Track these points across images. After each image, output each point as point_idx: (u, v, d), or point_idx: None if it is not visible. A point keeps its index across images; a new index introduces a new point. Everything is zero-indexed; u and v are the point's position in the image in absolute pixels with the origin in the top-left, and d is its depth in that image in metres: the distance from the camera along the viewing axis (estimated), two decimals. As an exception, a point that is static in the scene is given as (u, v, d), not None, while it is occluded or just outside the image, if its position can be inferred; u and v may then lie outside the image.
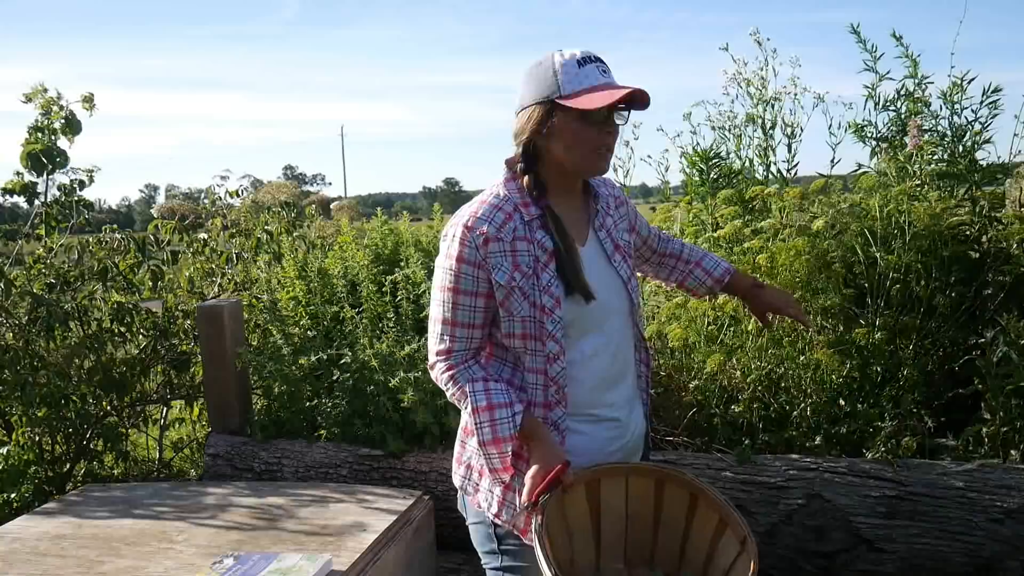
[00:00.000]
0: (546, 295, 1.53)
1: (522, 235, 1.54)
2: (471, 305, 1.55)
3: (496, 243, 1.52)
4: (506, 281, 1.52)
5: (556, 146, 1.53)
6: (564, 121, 1.51)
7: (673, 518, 1.56)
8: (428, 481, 2.68)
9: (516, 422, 1.51)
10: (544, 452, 1.50)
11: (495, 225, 1.52)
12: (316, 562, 1.91)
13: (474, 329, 1.57)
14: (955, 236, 2.69)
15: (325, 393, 2.93)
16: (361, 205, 5.90)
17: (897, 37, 2.99)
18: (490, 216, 1.53)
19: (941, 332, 2.65)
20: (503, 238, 1.52)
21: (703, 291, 1.95)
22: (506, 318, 1.55)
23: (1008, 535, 2.23)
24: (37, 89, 3.25)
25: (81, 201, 3.38)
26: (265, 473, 2.85)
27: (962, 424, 2.53)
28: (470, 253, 1.52)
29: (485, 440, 1.52)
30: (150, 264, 3.40)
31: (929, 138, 2.93)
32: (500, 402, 1.53)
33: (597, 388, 1.60)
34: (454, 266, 1.53)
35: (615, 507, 1.56)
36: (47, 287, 3.21)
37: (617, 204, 1.72)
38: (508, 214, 1.55)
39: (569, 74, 1.50)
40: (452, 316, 1.55)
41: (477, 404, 1.53)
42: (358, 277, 3.08)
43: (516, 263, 1.53)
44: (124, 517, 2.36)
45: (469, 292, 1.54)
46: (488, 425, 1.52)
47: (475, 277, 1.53)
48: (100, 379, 3.26)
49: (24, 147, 3.24)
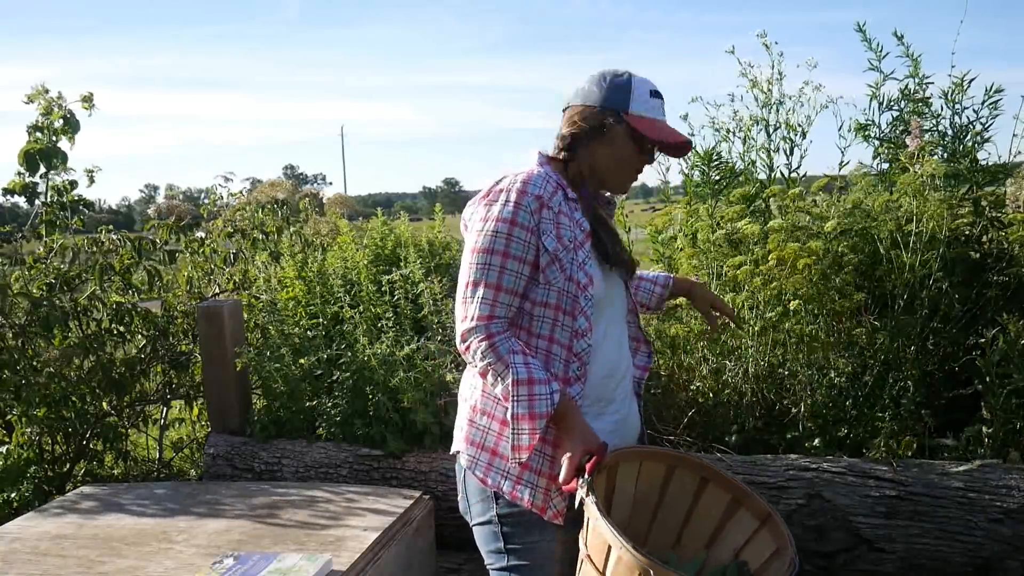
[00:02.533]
0: (582, 271, 1.57)
1: (565, 210, 1.59)
2: (518, 271, 1.55)
3: (547, 210, 1.56)
4: (553, 248, 1.55)
5: (603, 151, 1.63)
6: (621, 134, 1.61)
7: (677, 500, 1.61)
8: (428, 481, 2.68)
9: (554, 400, 1.51)
10: (583, 433, 1.51)
11: (548, 192, 1.57)
12: (316, 562, 1.91)
13: (516, 297, 1.57)
14: (956, 236, 2.69)
15: (325, 393, 2.93)
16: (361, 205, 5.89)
17: (899, 36, 2.98)
18: (543, 184, 1.57)
19: (942, 333, 2.65)
20: (552, 206, 1.57)
21: (655, 301, 2.00)
22: (543, 286, 1.57)
23: (1008, 535, 2.23)
24: (38, 90, 3.25)
25: (80, 201, 3.37)
26: (265, 473, 2.85)
27: (962, 424, 2.53)
28: (524, 217, 1.54)
29: (519, 414, 1.51)
30: (146, 265, 3.40)
31: (930, 138, 2.93)
32: (540, 378, 1.52)
33: (606, 378, 1.64)
34: (507, 229, 1.53)
35: (626, 490, 1.59)
36: (47, 287, 3.21)
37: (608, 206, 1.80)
38: (556, 187, 1.60)
39: (642, 97, 1.61)
40: (498, 280, 1.54)
41: (518, 376, 1.51)
42: (357, 277, 3.08)
43: (559, 234, 1.57)
44: (124, 517, 2.36)
45: (519, 257, 1.55)
46: (527, 399, 1.51)
47: (527, 242, 1.55)
48: (100, 379, 3.25)
49: (24, 147, 3.23)
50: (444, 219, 3.50)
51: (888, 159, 3.02)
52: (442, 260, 3.23)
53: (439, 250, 3.33)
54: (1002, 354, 2.42)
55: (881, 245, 2.64)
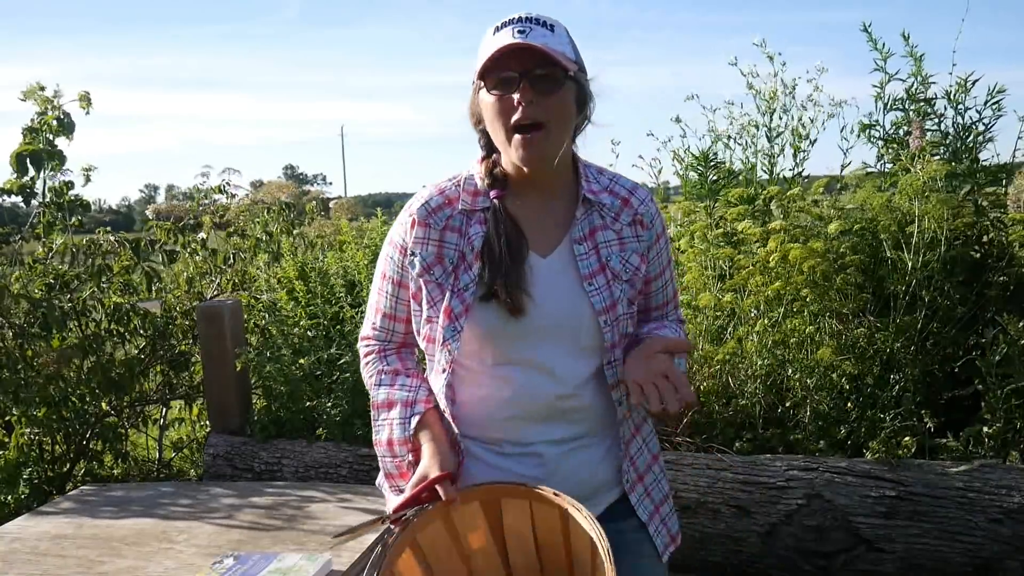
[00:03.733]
0: (457, 299, 1.33)
1: (456, 226, 1.36)
2: (391, 293, 1.43)
3: (422, 228, 1.36)
4: (418, 272, 1.36)
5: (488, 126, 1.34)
6: (482, 99, 1.33)
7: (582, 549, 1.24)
8: (428, 481, 2.67)
9: (411, 424, 1.35)
10: (427, 459, 1.31)
11: (428, 209, 1.37)
12: (316, 562, 1.91)
13: (396, 321, 1.44)
14: (957, 237, 2.69)
15: (325, 393, 2.93)
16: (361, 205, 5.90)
17: (905, 36, 2.98)
18: (430, 198, 1.38)
19: (942, 333, 2.65)
20: (431, 224, 1.36)
21: None
22: (416, 314, 1.41)
23: (1008, 535, 2.23)
24: (33, 88, 3.24)
25: (78, 201, 3.37)
26: (265, 473, 2.85)
27: (962, 424, 2.53)
28: (397, 234, 1.40)
29: (378, 439, 1.41)
30: (144, 266, 3.39)
31: (932, 138, 2.94)
32: (402, 399, 1.39)
33: (513, 420, 1.37)
34: (385, 248, 1.44)
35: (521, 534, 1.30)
36: (46, 287, 3.21)
37: (635, 221, 1.41)
38: (450, 199, 1.38)
39: (484, 42, 1.30)
40: (376, 301, 1.45)
41: (376, 398, 1.42)
42: (358, 277, 3.08)
43: (440, 255, 1.36)
44: (124, 517, 2.36)
45: (391, 279, 1.42)
46: (384, 423, 1.40)
47: (398, 263, 1.40)
48: (99, 379, 3.25)
49: (16, 148, 3.23)
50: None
51: (891, 159, 3.03)
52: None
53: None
54: (1002, 354, 2.42)
55: (883, 246, 2.64)
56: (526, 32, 1.26)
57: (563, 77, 1.28)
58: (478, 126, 1.39)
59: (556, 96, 1.28)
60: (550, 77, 1.27)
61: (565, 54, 1.28)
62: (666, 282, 1.50)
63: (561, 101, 1.29)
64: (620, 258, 1.38)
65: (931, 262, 2.58)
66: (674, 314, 1.55)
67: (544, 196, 1.39)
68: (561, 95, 1.29)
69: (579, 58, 1.34)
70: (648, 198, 1.44)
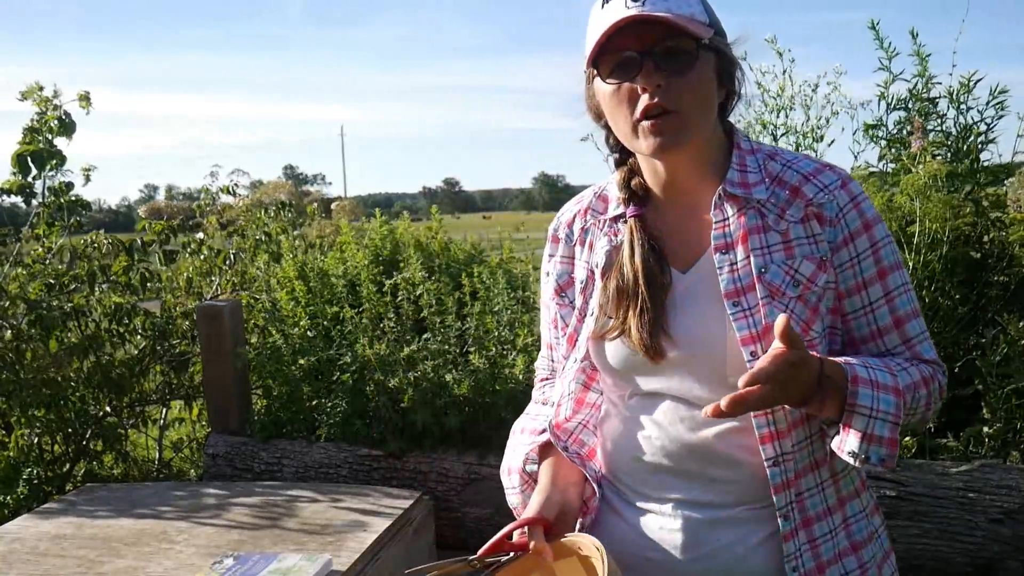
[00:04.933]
0: (583, 324, 1.16)
1: (588, 239, 1.18)
2: (544, 318, 1.27)
3: (554, 244, 1.22)
4: (551, 296, 1.22)
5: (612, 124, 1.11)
6: (598, 89, 1.09)
7: None
8: (428, 481, 2.67)
9: (527, 451, 1.19)
10: (531, 502, 1.13)
11: (561, 220, 1.22)
12: (316, 562, 1.91)
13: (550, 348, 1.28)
14: (958, 237, 2.69)
15: (325, 393, 2.93)
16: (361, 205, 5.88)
17: (914, 35, 2.98)
18: (567, 209, 1.23)
19: (943, 333, 2.65)
20: (563, 238, 1.21)
21: None
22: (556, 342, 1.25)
23: (1008, 535, 2.23)
24: (32, 88, 3.24)
25: (77, 201, 3.37)
26: (265, 473, 2.85)
27: (962, 424, 2.53)
28: (545, 255, 1.24)
29: (502, 468, 1.25)
30: (139, 266, 3.39)
31: (933, 138, 2.93)
32: (533, 427, 1.22)
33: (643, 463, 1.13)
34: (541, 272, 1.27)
35: None
36: (46, 287, 3.21)
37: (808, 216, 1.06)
38: (584, 209, 1.20)
39: (592, 19, 1.06)
40: (541, 328, 1.29)
41: (515, 425, 1.26)
42: (358, 278, 3.08)
43: (572, 274, 1.19)
44: (124, 517, 2.36)
45: (543, 302, 1.27)
46: (509, 450, 1.24)
47: (545, 284, 1.25)
48: (99, 380, 3.25)
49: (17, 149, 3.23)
50: (441, 220, 3.49)
51: (893, 159, 3.03)
52: (442, 261, 3.22)
53: (439, 251, 3.33)
54: (1002, 354, 2.42)
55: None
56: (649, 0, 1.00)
57: (697, 48, 1.03)
58: (599, 121, 1.15)
59: (691, 74, 1.03)
60: (680, 51, 1.02)
61: (694, 17, 1.02)
62: (875, 302, 1.09)
63: (698, 79, 1.03)
64: (785, 267, 1.05)
65: (932, 262, 2.57)
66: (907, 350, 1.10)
67: (684, 197, 1.12)
68: (697, 72, 1.03)
69: (714, 18, 1.07)
70: (835, 184, 1.07)
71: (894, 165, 3.01)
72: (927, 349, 1.11)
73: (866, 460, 0.99)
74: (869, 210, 1.08)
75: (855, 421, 0.99)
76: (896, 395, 1.00)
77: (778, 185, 1.08)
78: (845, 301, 1.09)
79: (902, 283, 1.09)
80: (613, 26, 1.00)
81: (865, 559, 1.11)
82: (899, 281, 1.09)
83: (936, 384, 1.10)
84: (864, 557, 1.11)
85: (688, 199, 1.12)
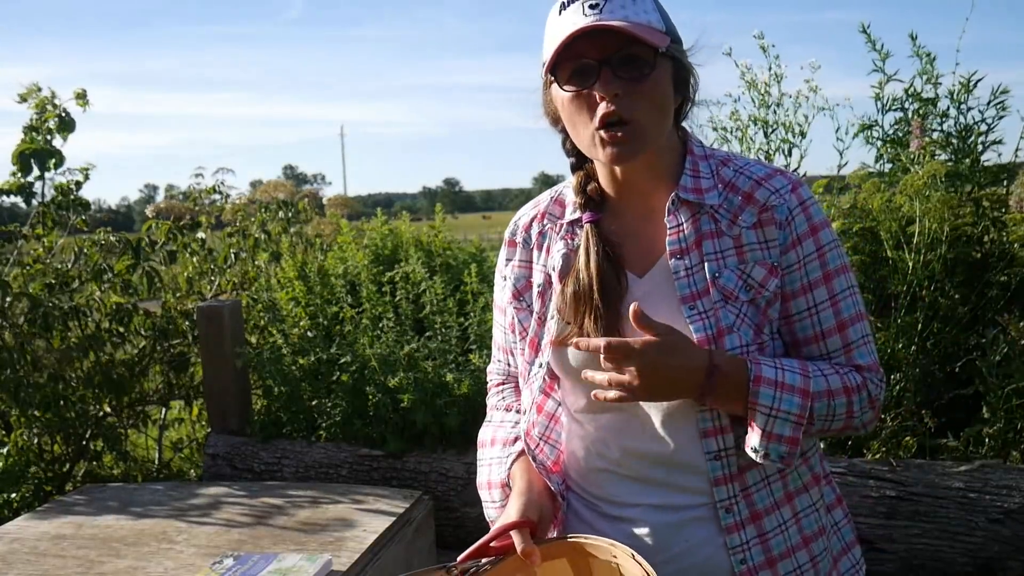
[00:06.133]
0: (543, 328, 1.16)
1: (545, 243, 1.19)
2: (500, 323, 1.26)
3: (511, 248, 1.23)
4: (508, 299, 1.22)
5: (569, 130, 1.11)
6: (555, 96, 1.09)
7: None
8: (428, 481, 2.67)
9: (507, 464, 1.18)
10: (510, 503, 1.12)
11: (517, 224, 1.23)
12: (316, 562, 1.91)
13: (509, 354, 1.27)
14: (958, 237, 2.69)
15: (325, 393, 2.93)
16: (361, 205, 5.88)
17: (913, 37, 2.98)
18: (523, 213, 1.24)
19: (943, 333, 2.65)
20: (520, 242, 1.22)
21: None
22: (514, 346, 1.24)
23: (1008, 535, 2.23)
24: (31, 88, 3.24)
25: (78, 201, 3.37)
26: (265, 473, 2.85)
27: (962, 424, 2.53)
28: (500, 257, 1.26)
29: (478, 480, 1.24)
30: (145, 266, 3.39)
31: (934, 138, 2.93)
32: (504, 437, 1.22)
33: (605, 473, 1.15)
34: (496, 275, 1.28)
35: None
36: (47, 287, 3.21)
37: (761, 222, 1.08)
38: (541, 213, 1.21)
39: (549, 25, 1.06)
40: (494, 331, 1.30)
41: (481, 436, 1.27)
42: (358, 277, 3.08)
43: (530, 278, 1.19)
44: (124, 517, 2.36)
45: (499, 307, 1.26)
46: (484, 463, 1.23)
47: (501, 288, 1.25)
48: (99, 380, 3.25)
49: (18, 147, 3.23)
50: (444, 219, 3.49)
51: (891, 159, 3.02)
52: (443, 260, 3.23)
53: (440, 250, 3.33)
54: (1002, 354, 2.42)
55: (884, 246, 2.64)
56: (599, 5, 1.00)
57: (654, 57, 1.02)
58: (557, 126, 1.15)
59: (647, 83, 1.02)
60: (638, 59, 1.02)
61: (651, 25, 1.02)
62: (819, 304, 1.09)
63: (655, 88, 1.03)
64: (737, 272, 1.07)
65: (932, 262, 2.58)
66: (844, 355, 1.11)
67: (638, 201, 1.13)
68: (654, 80, 1.03)
69: (670, 25, 1.07)
70: (785, 188, 1.08)
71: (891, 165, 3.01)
72: (863, 355, 1.11)
73: (767, 456, 1.03)
74: (817, 214, 1.10)
75: (756, 419, 1.03)
76: (803, 397, 1.03)
77: (731, 191, 1.10)
78: (791, 303, 1.10)
79: (848, 287, 1.11)
80: (572, 34, 1.00)
81: (815, 552, 1.13)
82: (844, 285, 1.10)
83: (865, 393, 1.10)
84: (815, 551, 1.13)
85: (644, 204, 1.13)
